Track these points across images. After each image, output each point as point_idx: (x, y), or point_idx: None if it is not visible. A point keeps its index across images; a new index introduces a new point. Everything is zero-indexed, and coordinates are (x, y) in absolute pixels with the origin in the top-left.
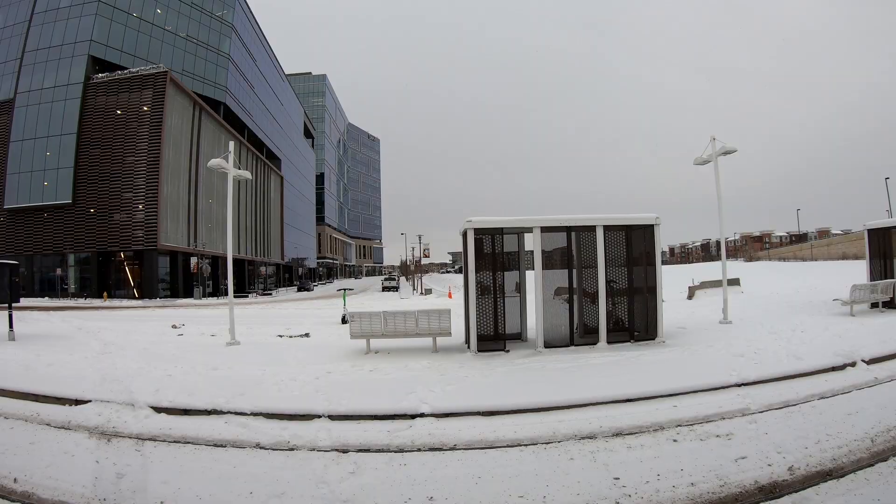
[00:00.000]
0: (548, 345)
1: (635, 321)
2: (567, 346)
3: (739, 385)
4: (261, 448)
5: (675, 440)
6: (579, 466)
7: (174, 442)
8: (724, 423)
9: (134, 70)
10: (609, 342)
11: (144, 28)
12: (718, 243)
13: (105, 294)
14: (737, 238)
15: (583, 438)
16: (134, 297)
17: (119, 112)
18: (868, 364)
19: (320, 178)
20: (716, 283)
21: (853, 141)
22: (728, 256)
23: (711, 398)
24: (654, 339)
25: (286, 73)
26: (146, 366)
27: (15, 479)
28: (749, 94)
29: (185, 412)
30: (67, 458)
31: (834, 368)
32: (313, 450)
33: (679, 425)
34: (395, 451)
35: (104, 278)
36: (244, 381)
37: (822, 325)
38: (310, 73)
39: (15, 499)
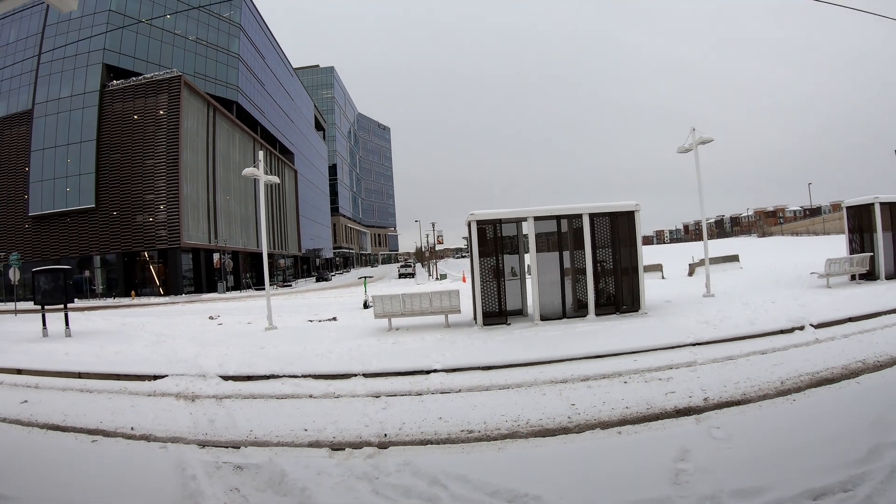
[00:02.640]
0: (544, 318)
1: (623, 296)
2: (560, 318)
3: (694, 344)
4: (313, 398)
5: (625, 382)
6: (548, 399)
7: (245, 398)
8: (670, 372)
9: (148, 76)
10: (597, 314)
11: (155, 34)
12: (732, 219)
13: (133, 293)
14: (750, 214)
15: (556, 383)
16: (160, 295)
17: (136, 117)
18: (816, 328)
19: (333, 170)
20: (714, 261)
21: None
22: (741, 232)
23: (667, 354)
24: (637, 311)
25: (294, 67)
26: (202, 349)
27: (132, 428)
28: (771, 63)
29: (248, 378)
30: (167, 413)
31: (782, 331)
32: (354, 396)
33: (634, 373)
34: (415, 395)
35: (130, 278)
36: (290, 355)
37: (793, 297)
38: (317, 65)
39: (137, 438)
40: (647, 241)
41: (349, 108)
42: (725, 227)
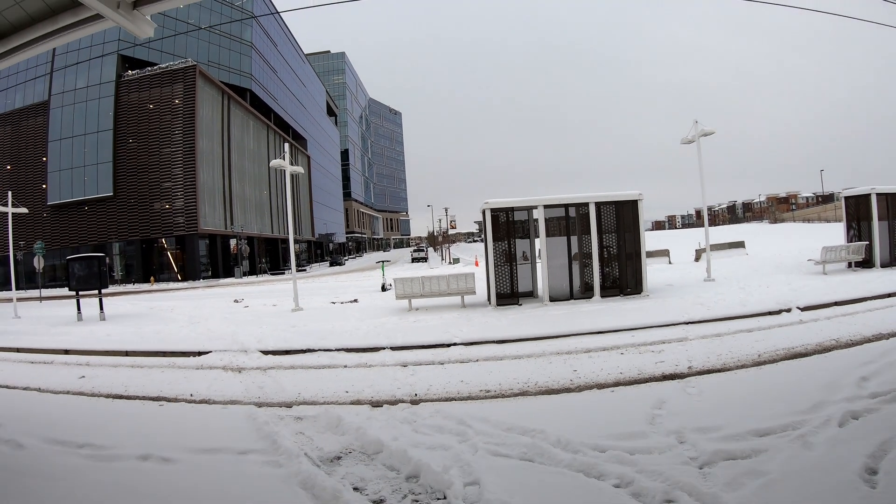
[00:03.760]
0: (552, 299)
1: (627, 279)
2: (568, 299)
3: (687, 323)
4: (347, 367)
5: (622, 353)
6: (554, 366)
7: (287, 369)
8: (662, 345)
9: (164, 65)
10: (603, 296)
11: (169, 23)
12: (745, 205)
13: (152, 278)
14: (762, 200)
15: (562, 354)
16: (177, 280)
17: (152, 106)
18: (802, 310)
19: (345, 155)
20: (720, 247)
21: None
22: (753, 218)
23: (661, 331)
24: (640, 293)
25: (306, 53)
26: (237, 328)
27: (191, 395)
28: (789, 51)
29: (287, 352)
30: (219, 382)
31: (770, 313)
32: (384, 366)
33: (631, 346)
34: (438, 364)
35: (148, 264)
36: (321, 332)
37: (788, 282)
38: (328, 51)
39: (198, 402)
40: (659, 225)
41: (360, 94)
42: (737, 213)
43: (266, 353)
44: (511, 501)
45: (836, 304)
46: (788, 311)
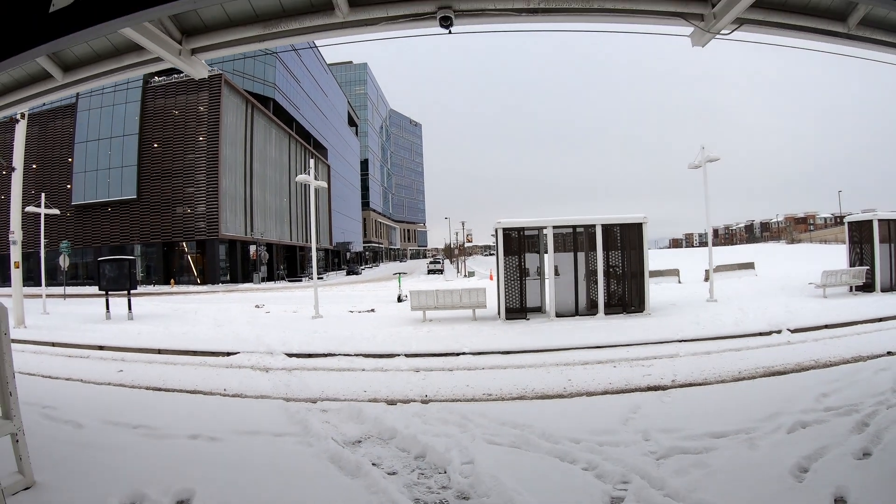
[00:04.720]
0: (559, 315)
1: (630, 298)
2: (573, 315)
3: (680, 341)
4: (365, 371)
5: (614, 366)
6: (552, 375)
7: (310, 370)
8: (653, 360)
9: None
10: (606, 313)
11: None
12: (762, 224)
13: (172, 280)
14: (780, 219)
15: (560, 365)
16: (197, 283)
17: (177, 113)
18: (792, 332)
19: (364, 165)
20: (729, 268)
21: None
22: (770, 238)
23: (654, 347)
24: (642, 311)
25: (328, 63)
26: (262, 332)
27: (224, 389)
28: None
29: (309, 355)
30: (249, 379)
31: (761, 333)
32: (398, 371)
33: (624, 360)
34: (448, 370)
35: (168, 266)
36: (340, 338)
37: (786, 304)
38: (350, 62)
39: (232, 396)
40: (676, 243)
41: (381, 105)
42: (755, 233)
43: (290, 355)
44: (499, 475)
45: (827, 326)
46: (779, 332)
